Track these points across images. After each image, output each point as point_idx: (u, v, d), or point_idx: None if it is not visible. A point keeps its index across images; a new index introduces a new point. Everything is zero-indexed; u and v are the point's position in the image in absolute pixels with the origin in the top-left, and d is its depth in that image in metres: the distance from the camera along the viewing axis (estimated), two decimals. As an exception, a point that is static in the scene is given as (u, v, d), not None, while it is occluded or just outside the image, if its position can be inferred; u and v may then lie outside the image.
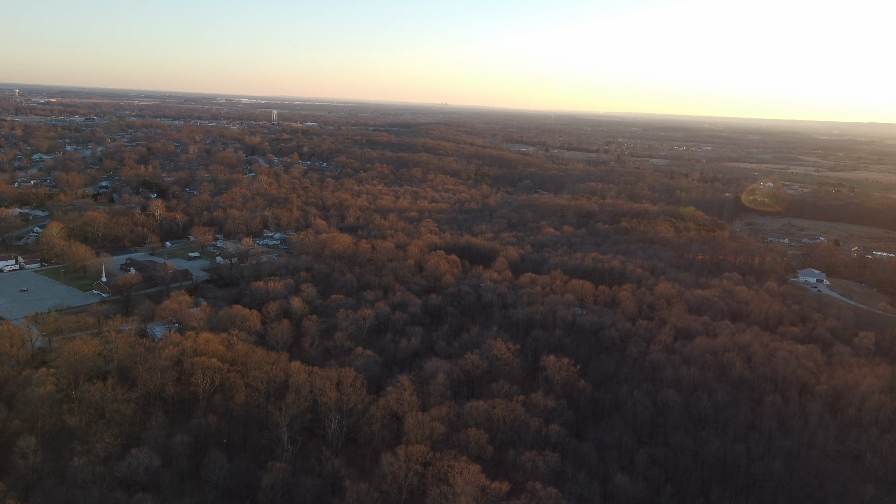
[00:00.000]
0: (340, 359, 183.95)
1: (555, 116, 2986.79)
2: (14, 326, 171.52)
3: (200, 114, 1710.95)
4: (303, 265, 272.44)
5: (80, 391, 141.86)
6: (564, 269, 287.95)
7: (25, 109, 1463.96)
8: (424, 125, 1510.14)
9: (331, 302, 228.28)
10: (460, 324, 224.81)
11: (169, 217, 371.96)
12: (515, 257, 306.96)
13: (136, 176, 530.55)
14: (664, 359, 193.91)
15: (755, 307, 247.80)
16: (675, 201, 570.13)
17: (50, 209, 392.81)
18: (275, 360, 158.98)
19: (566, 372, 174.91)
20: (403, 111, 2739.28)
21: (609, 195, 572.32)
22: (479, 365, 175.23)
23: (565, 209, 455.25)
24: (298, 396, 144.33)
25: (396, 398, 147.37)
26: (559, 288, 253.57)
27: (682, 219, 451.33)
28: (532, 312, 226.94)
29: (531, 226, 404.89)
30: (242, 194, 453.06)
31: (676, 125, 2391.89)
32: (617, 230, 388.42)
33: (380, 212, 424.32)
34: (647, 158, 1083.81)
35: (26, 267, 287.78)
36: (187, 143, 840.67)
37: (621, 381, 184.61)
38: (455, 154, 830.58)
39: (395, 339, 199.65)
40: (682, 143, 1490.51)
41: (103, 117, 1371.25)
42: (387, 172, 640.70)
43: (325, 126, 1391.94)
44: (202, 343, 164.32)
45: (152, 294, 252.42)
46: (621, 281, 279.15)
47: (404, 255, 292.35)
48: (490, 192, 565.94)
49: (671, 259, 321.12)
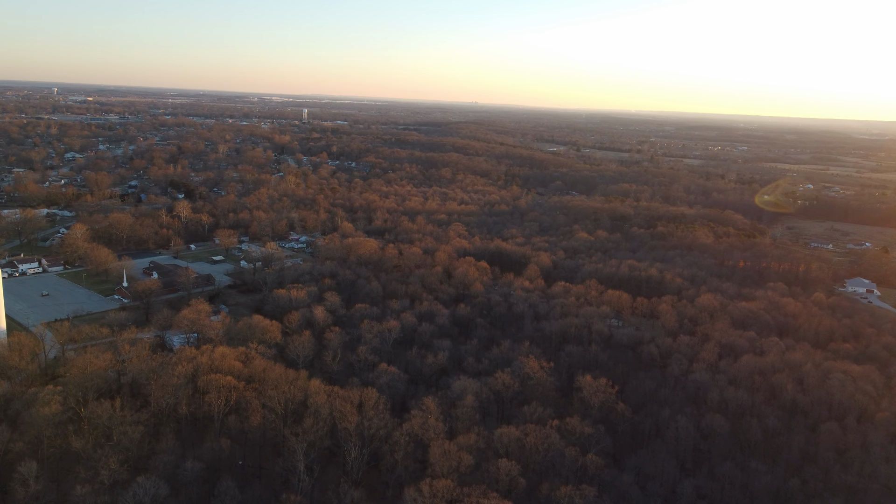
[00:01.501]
0: (363, 375, 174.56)
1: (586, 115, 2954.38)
2: (25, 338, 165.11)
3: (232, 112, 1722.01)
4: (327, 271, 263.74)
5: (88, 410, 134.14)
6: (599, 277, 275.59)
7: (62, 108, 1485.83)
8: (454, 124, 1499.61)
9: (355, 312, 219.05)
10: (490, 336, 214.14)
11: (194, 219, 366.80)
12: (547, 264, 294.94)
13: (165, 176, 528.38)
14: (709, 379, 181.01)
15: (804, 321, 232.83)
16: (712, 204, 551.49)
17: (76, 210, 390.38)
18: (293, 378, 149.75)
19: (604, 394, 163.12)
20: (433, 110, 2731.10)
21: (643, 197, 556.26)
22: (510, 385, 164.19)
23: (599, 212, 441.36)
24: (317, 420, 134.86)
25: (421, 423, 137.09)
26: (594, 299, 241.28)
27: (721, 223, 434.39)
28: (566, 325, 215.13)
29: (563, 230, 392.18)
30: (269, 195, 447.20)
31: (710, 124, 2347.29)
32: (653, 235, 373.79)
33: (408, 214, 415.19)
34: (681, 158, 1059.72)
35: (49, 270, 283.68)
36: (217, 142, 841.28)
37: (662, 404, 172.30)
38: (485, 154, 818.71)
39: (422, 354, 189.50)
40: (717, 143, 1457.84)
41: (137, 116, 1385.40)
42: (415, 173, 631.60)
43: (354, 125, 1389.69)
44: (218, 358, 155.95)
45: (173, 300, 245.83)
46: (659, 291, 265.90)
47: (432, 262, 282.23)
48: (521, 194, 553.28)
49: (711, 267, 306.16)
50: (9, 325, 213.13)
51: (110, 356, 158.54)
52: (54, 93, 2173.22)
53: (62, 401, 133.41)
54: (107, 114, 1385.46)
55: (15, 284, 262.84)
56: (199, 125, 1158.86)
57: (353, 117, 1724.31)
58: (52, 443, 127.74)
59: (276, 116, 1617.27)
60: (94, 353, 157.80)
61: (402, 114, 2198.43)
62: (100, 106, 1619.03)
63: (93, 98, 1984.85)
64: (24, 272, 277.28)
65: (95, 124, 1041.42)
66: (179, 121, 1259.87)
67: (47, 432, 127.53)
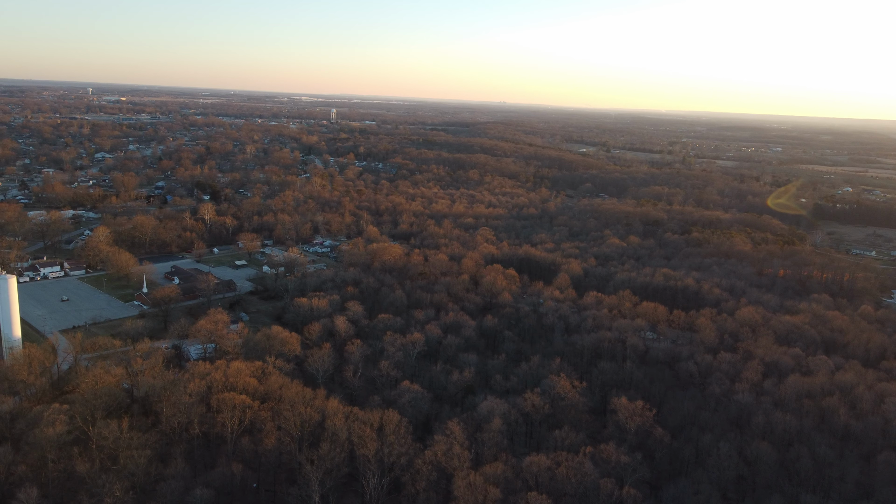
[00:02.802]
0: (385, 392, 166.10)
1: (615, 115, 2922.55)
2: (36, 350, 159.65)
3: (262, 112, 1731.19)
4: (350, 279, 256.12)
5: (96, 430, 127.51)
6: (633, 286, 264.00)
7: (96, 108, 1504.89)
8: (482, 124, 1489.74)
9: (378, 322, 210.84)
10: (518, 350, 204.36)
11: (218, 222, 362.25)
12: (578, 272, 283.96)
13: (191, 177, 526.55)
14: (752, 401, 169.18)
15: (853, 337, 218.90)
16: (747, 207, 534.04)
17: (101, 211, 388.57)
18: (310, 398, 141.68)
19: (640, 417, 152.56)
20: (461, 110, 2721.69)
21: (676, 200, 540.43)
22: (541, 407, 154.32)
23: (630, 217, 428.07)
24: (334, 445, 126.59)
25: (445, 450, 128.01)
26: (628, 311, 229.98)
27: (758, 228, 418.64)
28: (598, 339, 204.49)
29: (594, 235, 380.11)
30: (294, 197, 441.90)
31: (742, 124, 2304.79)
32: (688, 241, 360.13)
33: (434, 217, 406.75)
34: (713, 160, 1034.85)
35: (71, 273, 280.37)
36: (245, 142, 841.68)
37: (703, 428, 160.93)
38: (513, 155, 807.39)
39: (447, 369, 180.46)
40: (750, 144, 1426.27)
41: (168, 115, 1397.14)
42: (443, 174, 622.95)
43: (382, 125, 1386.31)
44: (232, 374, 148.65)
45: (193, 307, 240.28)
46: (697, 302, 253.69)
47: (458, 269, 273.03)
48: (550, 196, 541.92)
49: (750, 277, 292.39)
50: (26, 332, 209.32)
51: (122, 371, 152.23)
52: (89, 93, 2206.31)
53: (68, 420, 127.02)
54: (139, 114, 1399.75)
55: (36, 289, 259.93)
56: (229, 125, 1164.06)
57: (381, 117, 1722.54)
58: (56, 465, 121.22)
59: (304, 116, 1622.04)
60: (104, 368, 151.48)
61: (430, 114, 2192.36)
62: (132, 106, 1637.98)
63: (126, 98, 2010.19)
64: (45, 276, 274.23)
65: (126, 124, 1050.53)
66: (209, 121, 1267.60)
67: (51, 454, 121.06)
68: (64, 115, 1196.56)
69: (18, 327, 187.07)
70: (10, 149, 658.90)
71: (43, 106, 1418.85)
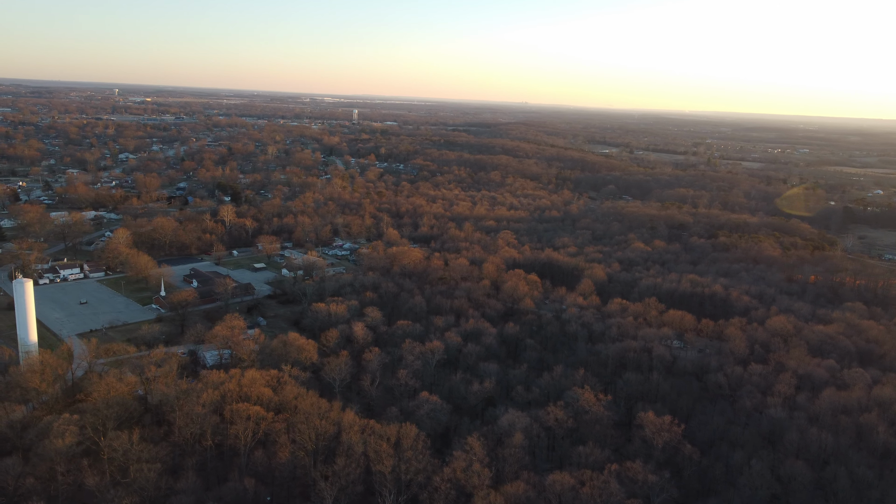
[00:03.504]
0: (402, 402, 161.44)
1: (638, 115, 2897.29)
2: (50, 356, 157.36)
3: (284, 113, 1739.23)
4: (369, 283, 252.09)
5: (106, 441, 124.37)
6: (658, 293, 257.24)
7: (122, 108, 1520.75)
8: (504, 125, 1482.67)
9: (396, 329, 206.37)
10: (540, 359, 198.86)
11: (238, 224, 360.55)
12: (602, 277, 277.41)
13: (212, 178, 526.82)
14: (786, 417, 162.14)
15: (890, 348, 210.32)
16: (775, 211, 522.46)
17: (123, 213, 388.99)
18: (325, 410, 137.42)
19: (668, 433, 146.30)
20: (483, 110, 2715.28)
21: (701, 203, 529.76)
22: (564, 421, 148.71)
23: (655, 220, 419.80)
24: (349, 460, 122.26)
25: (465, 467, 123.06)
26: (655, 319, 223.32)
27: (786, 232, 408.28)
28: (623, 349, 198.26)
29: (618, 238, 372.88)
30: (315, 199, 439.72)
31: (768, 125, 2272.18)
32: (714, 246, 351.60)
33: (455, 220, 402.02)
34: (739, 161, 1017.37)
35: (91, 276, 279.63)
36: (267, 143, 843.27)
37: (734, 444, 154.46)
38: (535, 156, 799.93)
39: (467, 379, 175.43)
40: (776, 145, 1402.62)
41: (192, 116, 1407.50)
42: (464, 176, 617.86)
43: (404, 126, 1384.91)
44: (247, 384, 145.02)
45: (211, 311, 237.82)
46: (725, 309, 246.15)
47: (479, 274, 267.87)
48: (572, 198, 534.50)
49: (780, 283, 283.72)
50: (43, 335, 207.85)
51: (134, 379, 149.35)
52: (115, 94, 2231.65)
53: (78, 431, 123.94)
54: (163, 114, 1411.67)
55: (55, 291, 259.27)
56: (251, 126, 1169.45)
57: (402, 118, 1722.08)
58: (65, 478, 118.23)
59: (326, 117, 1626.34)
60: (117, 376, 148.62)
61: (451, 114, 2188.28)
62: (157, 106, 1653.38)
63: (151, 99, 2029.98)
64: (65, 278, 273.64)
65: (151, 125, 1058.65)
66: (232, 121, 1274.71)
67: (60, 467, 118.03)
68: (90, 116, 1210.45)
69: (35, 331, 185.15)
70: (35, 149, 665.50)
71: (70, 106, 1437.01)
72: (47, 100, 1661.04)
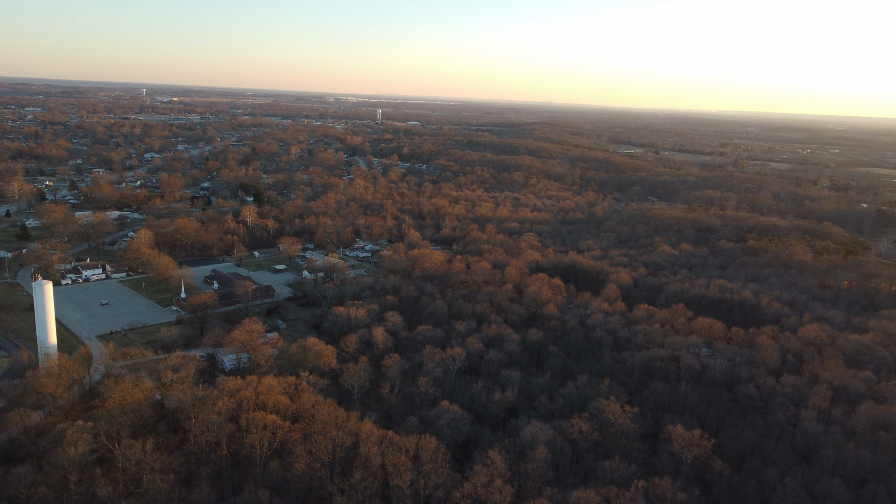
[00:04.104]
0: (422, 412, 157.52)
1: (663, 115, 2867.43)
2: (67, 361, 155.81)
3: (308, 112, 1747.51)
4: (390, 287, 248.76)
5: (120, 449, 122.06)
6: (686, 299, 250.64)
7: (149, 108, 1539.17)
8: (527, 125, 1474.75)
9: (417, 334, 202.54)
10: (563, 367, 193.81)
11: (260, 224, 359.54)
12: (627, 282, 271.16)
13: (235, 178, 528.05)
14: (821, 431, 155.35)
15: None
16: (805, 213, 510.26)
17: (146, 213, 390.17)
18: (343, 420, 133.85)
19: (698, 448, 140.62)
20: (507, 110, 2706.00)
21: (729, 205, 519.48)
22: (589, 434, 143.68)
23: (682, 222, 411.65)
24: (367, 474, 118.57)
25: (486, 482, 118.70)
26: (682, 326, 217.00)
27: (818, 236, 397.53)
28: (650, 357, 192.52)
29: (643, 241, 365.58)
30: (337, 200, 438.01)
31: (797, 125, 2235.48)
32: (743, 250, 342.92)
33: (478, 221, 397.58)
34: (767, 162, 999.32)
35: (113, 276, 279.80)
36: (291, 142, 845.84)
37: (766, 460, 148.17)
38: (559, 156, 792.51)
39: (488, 388, 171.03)
40: (806, 146, 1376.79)
41: (217, 116, 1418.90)
42: (487, 176, 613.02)
43: (427, 125, 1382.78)
44: (263, 392, 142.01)
45: (231, 313, 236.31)
46: (755, 316, 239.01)
47: (502, 278, 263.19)
48: (596, 200, 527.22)
49: (812, 289, 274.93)
50: (64, 337, 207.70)
51: (150, 385, 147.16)
52: (143, 93, 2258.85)
53: (91, 439, 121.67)
54: (189, 114, 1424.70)
55: (77, 291, 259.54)
56: (276, 125, 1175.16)
57: (426, 117, 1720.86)
58: (78, 487, 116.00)
59: (350, 117, 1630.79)
60: (132, 382, 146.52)
61: (475, 114, 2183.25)
62: (183, 106, 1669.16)
63: (178, 98, 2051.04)
64: (87, 278, 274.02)
65: (177, 124, 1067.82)
66: (257, 121, 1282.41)
67: (73, 476, 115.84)
68: (117, 116, 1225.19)
69: (54, 334, 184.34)
70: (63, 149, 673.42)
71: (98, 106, 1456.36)
72: (77, 100, 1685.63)
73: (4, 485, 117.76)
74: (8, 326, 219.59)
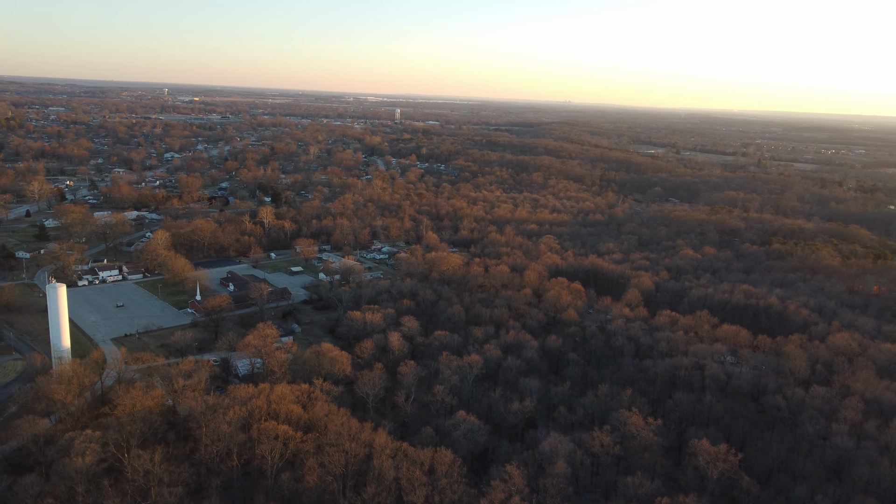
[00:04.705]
0: (438, 421, 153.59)
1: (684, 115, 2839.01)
2: (78, 368, 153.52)
3: (328, 112, 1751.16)
4: (407, 290, 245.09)
5: (129, 459, 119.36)
6: (709, 304, 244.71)
7: (170, 108, 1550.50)
8: (546, 124, 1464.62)
9: (434, 340, 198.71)
10: (584, 375, 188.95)
11: (277, 225, 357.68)
12: (649, 286, 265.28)
13: (254, 179, 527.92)
14: (853, 447, 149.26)
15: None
16: (830, 216, 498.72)
17: (163, 213, 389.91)
18: (356, 431, 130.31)
19: (724, 463, 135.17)
20: (526, 109, 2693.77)
21: (752, 207, 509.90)
22: (610, 448, 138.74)
23: (704, 225, 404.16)
24: (380, 489, 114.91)
25: (503, 498, 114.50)
26: (707, 334, 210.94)
27: (845, 239, 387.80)
28: (673, 366, 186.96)
29: (665, 244, 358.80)
30: (354, 201, 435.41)
31: (821, 125, 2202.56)
32: (768, 253, 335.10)
33: (496, 223, 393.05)
34: (790, 163, 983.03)
35: (129, 277, 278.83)
36: (310, 142, 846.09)
37: (796, 476, 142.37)
38: (579, 157, 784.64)
39: (506, 397, 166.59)
40: (830, 146, 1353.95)
41: (238, 115, 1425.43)
42: (506, 177, 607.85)
43: (446, 125, 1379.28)
44: (275, 400, 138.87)
45: (245, 316, 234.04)
46: (781, 323, 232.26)
47: (520, 282, 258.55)
48: (617, 201, 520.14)
49: (840, 295, 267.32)
50: (78, 339, 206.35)
51: (161, 392, 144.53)
52: (165, 93, 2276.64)
53: (100, 449, 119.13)
54: (210, 114, 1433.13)
55: (93, 293, 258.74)
56: (295, 125, 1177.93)
57: (444, 117, 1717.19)
58: (85, 498, 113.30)
59: (369, 116, 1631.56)
60: (143, 389, 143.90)
61: (494, 113, 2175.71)
62: (204, 106, 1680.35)
63: (199, 98, 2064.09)
64: (104, 280, 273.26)
65: (197, 124, 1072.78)
66: (277, 121, 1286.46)
67: (80, 487, 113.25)
68: (139, 115, 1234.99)
69: (67, 337, 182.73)
70: (85, 148, 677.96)
71: (121, 106, 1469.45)
72: (100, 99, 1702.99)
73: (11, 495, 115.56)
74: (24, 328, 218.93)
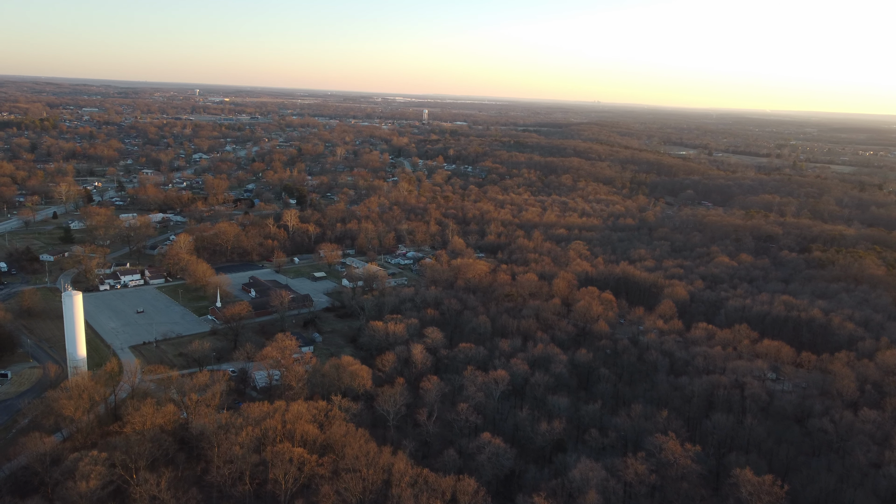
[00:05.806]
0: (462, 442, 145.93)
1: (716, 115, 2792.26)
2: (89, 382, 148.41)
3: (356, 112, 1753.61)
4: (431, 299, 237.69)
5: (136, 483, 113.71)
6: (747, 316, 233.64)
7: (201, 108, 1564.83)
8: (575, 125, 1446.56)
9: (458, 353, 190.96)
10: (615, 392, 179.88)
11: (301, 229, 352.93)
12: (683, 296, 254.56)
13: (280, 180, 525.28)
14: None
15: None
16: (871, 220, 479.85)
17: (188, 216, 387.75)
18: (374, 455, 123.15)
19: (769, 495, 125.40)
20: (554, 109, 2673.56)
21: (789, 211, 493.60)
22: (645, 476, 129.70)
23: (740, 230, 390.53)
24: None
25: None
26: (746, 349, 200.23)
27: (889, 246, 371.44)
28: (711, 384, 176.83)
29: (699, 251, 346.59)
30: (380, 203, 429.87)
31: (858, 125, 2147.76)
32: (808, 262, 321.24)
33: (524, 227, 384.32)
34: (827, 165, 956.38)
35: (151, 282, 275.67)
36: (337, 143, 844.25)
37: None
38: (608, 158, 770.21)
39: (534, 416, 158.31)
40: (868, 147, 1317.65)
41: (267, 116, 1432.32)
42: (534, 179, 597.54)
43: (473, 126, 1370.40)
44: (291, 419, 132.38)
45: (266, 323, 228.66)
46: (825, 338, 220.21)
47: (549, 291, 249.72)
48: (648, 204, 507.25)
49: (887, 308, 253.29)
50: (97, 347, 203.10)
51: (173, 409, 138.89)
52: (196, 94, 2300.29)
53: (105, 472, 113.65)
54: (239, 114, 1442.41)
55: (114, 298, 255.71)
56: (323, 126, 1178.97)
57: (472, 118, 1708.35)
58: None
59: (396, 117, 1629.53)
60: (154, 405, 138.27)
61: (522, 114, 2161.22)
62: (234, 106, 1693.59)
63: (229, 99, 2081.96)
64: (125, 284, 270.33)
65: (226, 125, 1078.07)
66: (305, 121, 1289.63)
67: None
68: (170, 116, 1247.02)
69: (83, 346, 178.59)
70: (115, 149, 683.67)
71: (152, 107, 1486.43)
72: (132, 100, 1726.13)
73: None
74: (43, 334, 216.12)
